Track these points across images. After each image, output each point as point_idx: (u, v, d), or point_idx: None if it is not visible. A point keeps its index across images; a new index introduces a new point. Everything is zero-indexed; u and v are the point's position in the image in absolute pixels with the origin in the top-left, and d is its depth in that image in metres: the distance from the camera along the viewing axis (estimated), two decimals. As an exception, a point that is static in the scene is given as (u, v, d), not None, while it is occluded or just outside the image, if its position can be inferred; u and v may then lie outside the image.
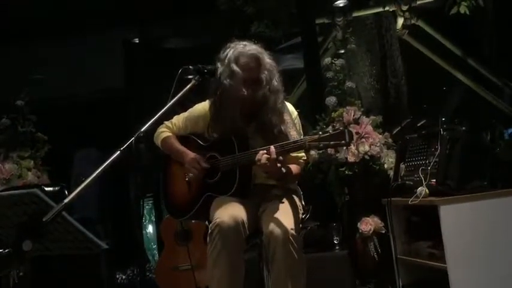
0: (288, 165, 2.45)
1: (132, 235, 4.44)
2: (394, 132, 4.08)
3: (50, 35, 5.47)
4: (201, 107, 2.61)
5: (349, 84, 3.92)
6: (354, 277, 3.65)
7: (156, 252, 4.87)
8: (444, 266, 2.96)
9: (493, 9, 4.84)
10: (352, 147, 3.64)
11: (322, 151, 3.66)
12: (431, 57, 4.68)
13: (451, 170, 3.06)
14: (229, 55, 2.40)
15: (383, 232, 3.62)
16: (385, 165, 3.73)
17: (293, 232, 2.22)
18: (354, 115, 3.76)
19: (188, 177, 2.54)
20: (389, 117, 4.18)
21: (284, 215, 2.30)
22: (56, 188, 3.74)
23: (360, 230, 3.65)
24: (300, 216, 2.44)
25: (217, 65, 2.41)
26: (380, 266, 3.63)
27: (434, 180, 3.05)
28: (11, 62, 5.39)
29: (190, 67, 2.27)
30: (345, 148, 3.62)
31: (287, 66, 5.08)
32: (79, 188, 1.68)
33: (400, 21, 4.55)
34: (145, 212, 4.93)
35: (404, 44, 4.70)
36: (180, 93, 2.14)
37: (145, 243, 4.90)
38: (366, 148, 3.66)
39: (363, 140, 3.68)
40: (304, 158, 2.58)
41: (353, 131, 2.63)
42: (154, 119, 2.00)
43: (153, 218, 4.98)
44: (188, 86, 2.21)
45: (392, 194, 3.30)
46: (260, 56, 2.41)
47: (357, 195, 3.78)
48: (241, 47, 2.42)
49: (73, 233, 1.64)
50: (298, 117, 2.62)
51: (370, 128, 3.72)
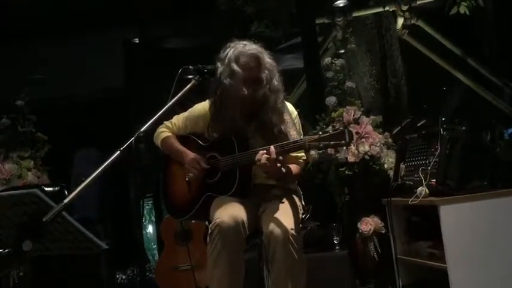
0: (288, 165, 2.45)
1: (132, 235, 4.43)
2: (394, 132, 4.08)
3: (50, 35, 5.47)
4: (201, 106, 2.61)
5: (349, 84, 3.92)
6: (354, 277, 3.65)
7: (156, 252, 4.87)
8: (444, 266, 2.96)
9: (493, 9, 4.83)
10: (352, 147, 3.64)
11: (322, 151, 3.66)
12: (431, 57, 4.68)
13: (451, 170, 3.06)
14: (229, 55, 2.40)
15: (383, 232, 3.62)
16: (385, 165, 3.73)
17: (293, 232, 2.22)
18: (354, 115, 3.76)
19: (188, 177, 2.54)
20: (389, 117, 4.18)
21: (284, 215, 2.30)
22: (56, 188, 3.74)
23: (360, 230, 3.65)
24: (300, 216, 2.44)
25: (217, 64, 2.41)
26: (380, 266, 3.63)
27: (434, 180, 3.05)
28: (11, 62, 5.39)
29: (190, 67, 2.27)
30: (345, 148, 3.62)
31: (287, 66, 5.08)
32: (79, 188, 1.67)
33: (400, 21, 4.55)
34: (145, 212, 4.93)
35: (404, 44, 4.69)
36: (180, 93, 2.14)
37: (145, 243, 4.89)
38: (366, 148, 3.66)
39: (363, 140, 3.68)
40: (304, 158, 2.58)
41: (353, 131, 2.63)
42: (154, 119, 2.00)
43: (153, 218, 4.98)
44: (188, 86, 2.21)
45: (392, 194, 3.30)
46: (260, 56, 2.41)
47: (357, 195, 3.78)
48: (242, 46, 2.41)
49: (73, 233, 1.64)
50: (298, 117, 2.62)
51: (370, 128, 3.72)
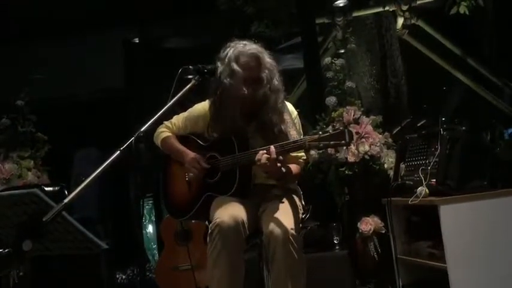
0: (288, 165, 2.44)
1: (132, 235, 4.43)
2: (394, 132, 4.08)
3: (50, 35, 5.47)
4: (201, 106, 2.61)
5: (349, 84, 3.92)
6: (354, 277, 3.65)
7: (156, 252, 4.87)
8: (444, 266, 2.96)
9: (493, 9, 4.84)
10: (352, 147, 3.64)
11: (322, 151, 3.66)
12: (431, 57, 4.68)
13: (451, 170, 3.06)
14: (229, 54, 2.40)
15: (383, 232, 3.62)
16: (385, 165, 3.73)
17: (293, 232, 2.22)
18: (354, 115, 3.76)
19: (188, 177, 2.54)
20: (389, 117, 4.18)
21: (284, 215, 2.30)
22: (56, 188, 3.73)
23: (360, 230, 3.65)
24: (300, 216, 2.44)
25: (218, 64, 2.41)
26: (380, 266, 3.63)
27: (434, 180, 3.05)
28: (11, 62, 5.39)
29: (190, 67, 2.27)
30: (345, 148, 3.62)
31: (287, 66, 5.08)
32: (79, 188, 1.67)
33: (400, 21, 4.55)
34: (145, 212, 4.93)
35: (404, 44, 4.70)
36: (180, 93, 2.14)
37: (145, 243, 4.89)
38: (366, 148, 3.66)
39: (363, 140, 3.68)
40: (304, 157, 2.57)
41: (353, 131, 2.62)
42: (154, 119, 2.00)
43: (153, 218, 4.97)
44: (188, 86, 2.21)
45: (393, 194, 3.30)
46: (260, 55, 2.41)
47: (357, 195, 3.78)
48: (242, 46, 2.41)
49: (73, 233, 1.64)
50: (298, 117, 2.62)
51: (370, 128, 3.72)
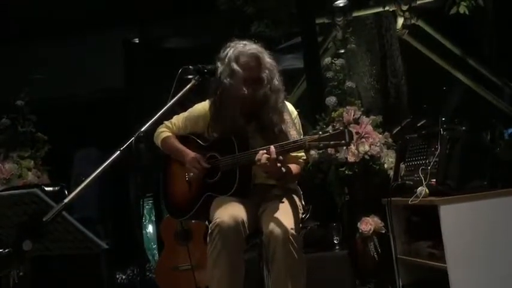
0: (288, 165, 2.44)
1: (132, 235, 4.43)
2: (394, 132, 4.08)
3: (50, 35, 5.47)
4: (201, 106, 2.61)
5: (349, 84, 3.92)
6: (354, 277, 3.65)
7: (156, 252, 4.87)
8: (444, 266, 2.96)
9: (493, 9, 4.84)
10: (352, 147, 3.64)
11: (322, 151, 3.66)
12: (431, 57, 4.68)
13: (451, 170, 3.06)
14: (229, 54, 2.40)
15: (383, 232, 3.62)
16: (385, 165, 3.73)
17: (293, 232, 2.22)
18: (354, 115, 3.76)
19: (188, 177, 2.54)
20: (389, 117, 4.18)
21: (284, 214, 2.30)
22: (56, 188, 3.74)
23: (360, 230, 3.65)
24: (300, 216, 2.43)
25: (218, 64, 2.41)
26: (380, 266, 3.62)
27: (434, 180, 3.05)
28: (11, 62, 5.39)
29: (190, 67, 2.27)
30: (345, 148, 3.62)
31: (287, 66, 5.08)
32: (79, 188, 1.67)
33: (400, 21, 4.55)
34: (145, 212, 4.93)
35: (404, 44, 4.70)
36: (180, 93, 2.14)
37: (145, 243, 4.89)
38: (366, 148, 3.66)
39: (363, 140, 3.68)
40: (304, 157, 2.57)
41: (353, 131, 2.62)
42: (154, 119, 2.00)
43: (153, 218, 4.98)
44: (188, 86, 2.21)
45: (392, 194, 3.30)
46: (260, 55, 2.41)
47: (357, 195, 3.78)
48: (242, 46, 2.41)
49: (73, 232, 1.64)
50: (298, 117, 2.62)
51: (370, 128, 3.72)
